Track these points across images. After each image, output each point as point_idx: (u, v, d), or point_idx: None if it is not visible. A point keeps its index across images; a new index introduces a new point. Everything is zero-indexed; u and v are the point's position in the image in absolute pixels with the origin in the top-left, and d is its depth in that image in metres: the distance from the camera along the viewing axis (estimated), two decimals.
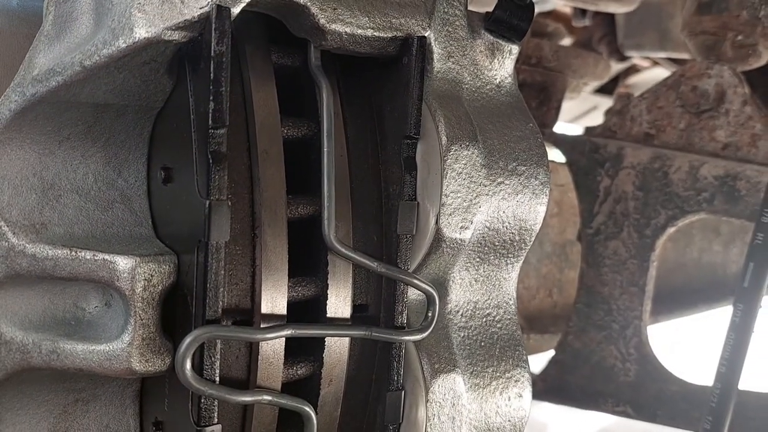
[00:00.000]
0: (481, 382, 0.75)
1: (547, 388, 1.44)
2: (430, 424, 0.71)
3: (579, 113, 2.72)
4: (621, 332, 1.37)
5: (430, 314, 0.71)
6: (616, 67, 2.24)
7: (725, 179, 1.26)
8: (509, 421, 0.78)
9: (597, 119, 2.53)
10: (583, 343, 1.41)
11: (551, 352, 1.49)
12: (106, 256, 0.63)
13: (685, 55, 1.84)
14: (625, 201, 1.35)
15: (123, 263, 0.62)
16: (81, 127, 0.68)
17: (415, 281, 0.70)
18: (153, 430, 0.71)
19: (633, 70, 2.46)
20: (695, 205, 1.29)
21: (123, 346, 0.62)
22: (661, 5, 1.77)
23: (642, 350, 1.37)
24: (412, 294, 0.73)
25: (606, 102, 2.44)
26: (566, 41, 2.07)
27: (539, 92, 1.53)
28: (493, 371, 0.77)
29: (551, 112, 1.56)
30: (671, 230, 1.34)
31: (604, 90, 2.38)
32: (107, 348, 0.63)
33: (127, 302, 0.62)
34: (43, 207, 0.67)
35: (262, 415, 0.67)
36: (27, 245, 0.64)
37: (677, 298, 2.04)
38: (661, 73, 2.32)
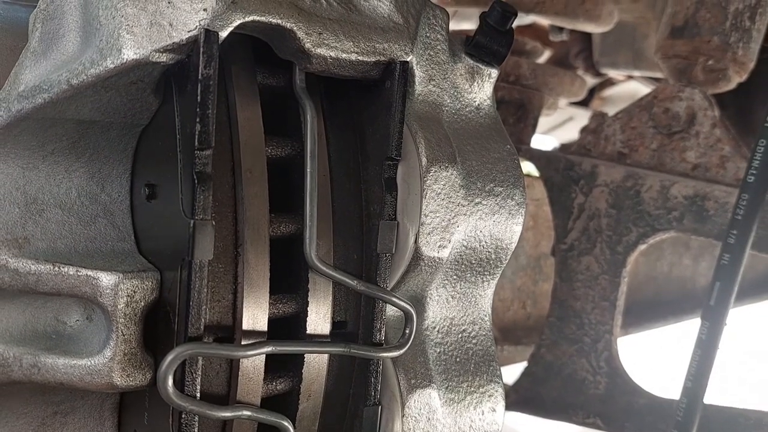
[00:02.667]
0: (456, 397, 0.77)
1: (519, 399, 1.46)
2: None
3: (555, 124, 2.76)
4: (592, 346, 1.40)
5: (407, 331, 0.73)
6: (592, 81, 2.28)
7: (695, 199, 1.30)
8: None
9: (572, 130, 2.57)
10: (555, 356, 1.43)
11: (524, 364, 1.52)
12: (90, 272, 0.63)
13: (658, 74, 1.88)
14: (599, 218, 1.38)
15: (106, 279, 0.63)
16: (65, 142, 0.68)
17: (394, 299, 0.71)
18: None
19: (608, 83, 2.50)
20: (665, 223, 1.32)
21: (104, 361, 0.63)
22: (635, 26, 1.81)
23: (612, 364, 1.40)
24: (390, 310, 0.74)
25: (581, 114, 2.48)
26: (544, 57, 2.11)
27: (517, 109, 1.55)
28: (467, 386, 0.78)
29: (528, 129, 1.59)
30: (642, 247, 1.37)
31: (580, 102, 2.42)
32: (88, 362, 0.63)
33: (109, 318, 0.63)
34: (25, 221, 0.67)
35: (241, 430, 0.68)
36: (9, 260, 0.64)
37: (648, 311, 2.08)
38: (636, 86, 2.37)
